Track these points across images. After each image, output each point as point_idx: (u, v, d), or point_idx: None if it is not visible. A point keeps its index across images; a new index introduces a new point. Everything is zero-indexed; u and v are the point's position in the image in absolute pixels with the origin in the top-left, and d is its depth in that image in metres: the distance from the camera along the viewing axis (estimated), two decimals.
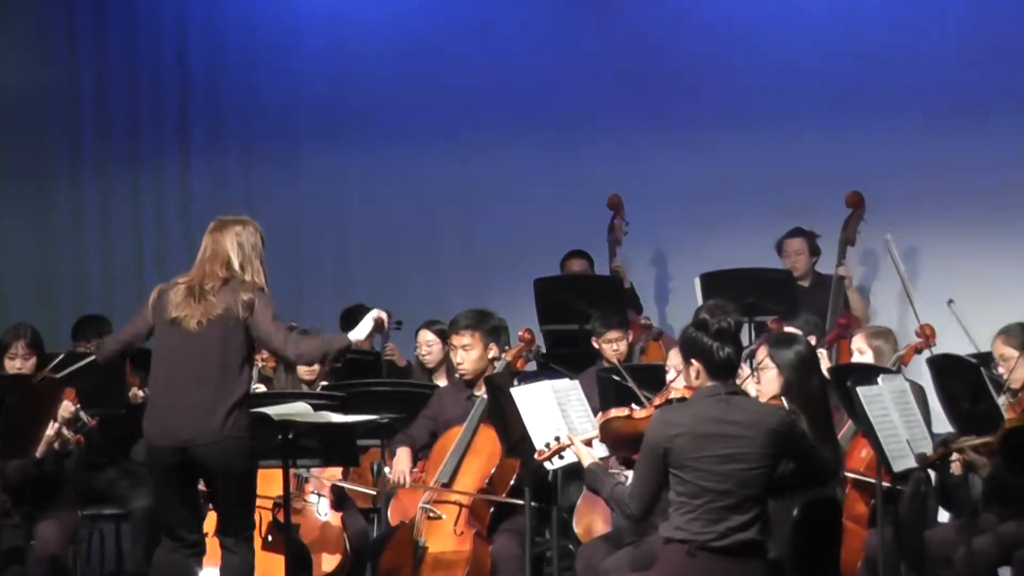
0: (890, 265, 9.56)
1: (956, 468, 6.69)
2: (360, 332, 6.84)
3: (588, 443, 6.02)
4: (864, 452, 6.96)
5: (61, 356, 7.40)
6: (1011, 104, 10.00)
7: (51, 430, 7.31)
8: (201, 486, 6.70)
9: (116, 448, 8.35)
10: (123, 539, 8.71)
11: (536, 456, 6.23)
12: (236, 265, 6.60)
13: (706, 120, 10.57)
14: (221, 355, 6.53)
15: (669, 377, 6.92)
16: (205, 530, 6.75)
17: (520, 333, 8.05)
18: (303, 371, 8.03)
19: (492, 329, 7.84)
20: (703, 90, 10.62)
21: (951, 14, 10.18)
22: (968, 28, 10.14)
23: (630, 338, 8.58)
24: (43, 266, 11.76)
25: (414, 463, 7.67)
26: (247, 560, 6.62)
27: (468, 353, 7.76)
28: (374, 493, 7.86)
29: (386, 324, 7.00)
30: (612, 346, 8.46)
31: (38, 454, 7.28)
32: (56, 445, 7.41)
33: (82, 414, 7.59)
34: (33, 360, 7.76)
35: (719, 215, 10.51)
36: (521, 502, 7.07)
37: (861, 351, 7.61)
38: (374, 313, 6.89)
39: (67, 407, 7.48)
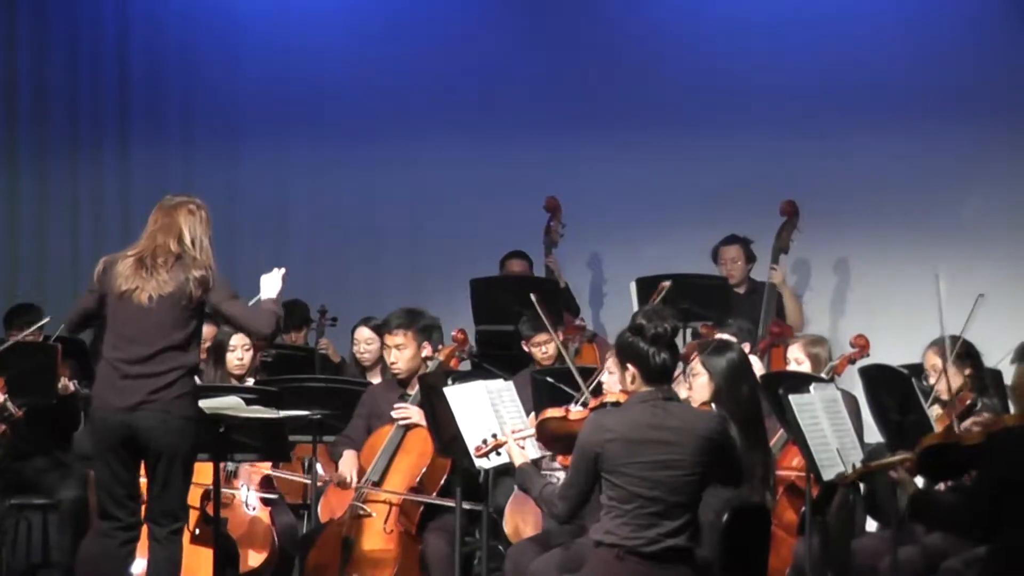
0: (823, 273, 9.63)
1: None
2: (273, 290, 6.85)
3: (523, 442, 6.04)
4: (795, 460, 7.00)
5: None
6: (949, 114, 10.08)
7: None
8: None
9: (46, 438, 8.29)
10: (50, 529, 8.65)
11: (474, 452, 6.25)
12: (187, 240, 6.57)
13: (645, 125, 10.61)
14: (170, 331, 6.50)
15: (603, 379, 6.93)
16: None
17: (453, 333, 8.05)
18: (232, 365, 7.99)
19: (424, 328, 7.84)
20: (643, 94, 10.66)
21: (888, 23, 10.25)
22: (909, 36, 10.21)
23: (560, 338, 8.58)
24: None
25: None
26: (175, 557, 6.57)
27: (401, 352, 7.76)
28: (307, 482, 7.83)
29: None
30: (541, 349, 8.48)
31: None
32: None
33: (9, 404, 7.52)
34: None
35: (656, 220, 10.55)
36: (451, 503, 7.06)
37: (798, 360, 7.65)
38: (282, 271, 6.90)
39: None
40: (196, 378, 6.69)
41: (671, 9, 10.77)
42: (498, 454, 6.20)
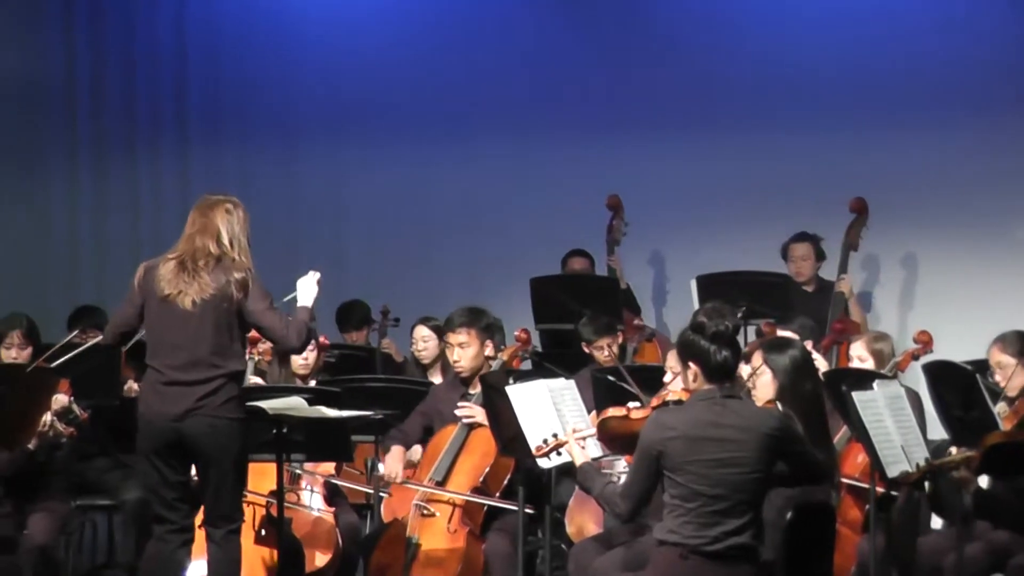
0: (891, 268, 9.59)
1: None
2: (309, 296, 6.78)
3: (584, 441, 6.03)
4: (860, 458, 6.96)
5: (56, 345, 7.38)
6: (1016, 110, 10.01)
7: (44, 424, 7.28)
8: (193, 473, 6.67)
9: (108, 439, 8.34)
10: (115, 530, 8.70)
11: (535, 451, 6.25)
12: (226, 241, 6.53)
13: (709, 123, 10.57)
14: (215, 335, 6.48)
15: (666, 379, 6.92)
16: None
17: (516, 333, 8.05)
18: (297, 366, 8.02)
19: (487, 327, 7.84)
20: (706, 92, 10.62)
21: (956, 19, 10.18)
22: (974, 32, 10.14)
23: (620, 339, 8.57)
24: (37, 254, 11.73)
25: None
26: (233, 556, 6.57)
27: (464, 351, 7.75)
28: (370, 491, 7.84)
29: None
30: (603, 352, 8.46)
31: (31, 446, 7.25)
32: (50, 434, 7.38)
33: (75, 406, 7.56)
34: (29, 350, 7.75)
35: (718, 218, 10.52)
36: (514, 505, 7.06)
37: (861, 357, 7.61)
38: (317, 275, 6.84)
39: (60, 399, 7.46)
40: (255, 378, 6.70)
41: (733, 6, 10.73)
42: (559, 454, 6.20)
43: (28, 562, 7.34)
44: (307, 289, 6.79)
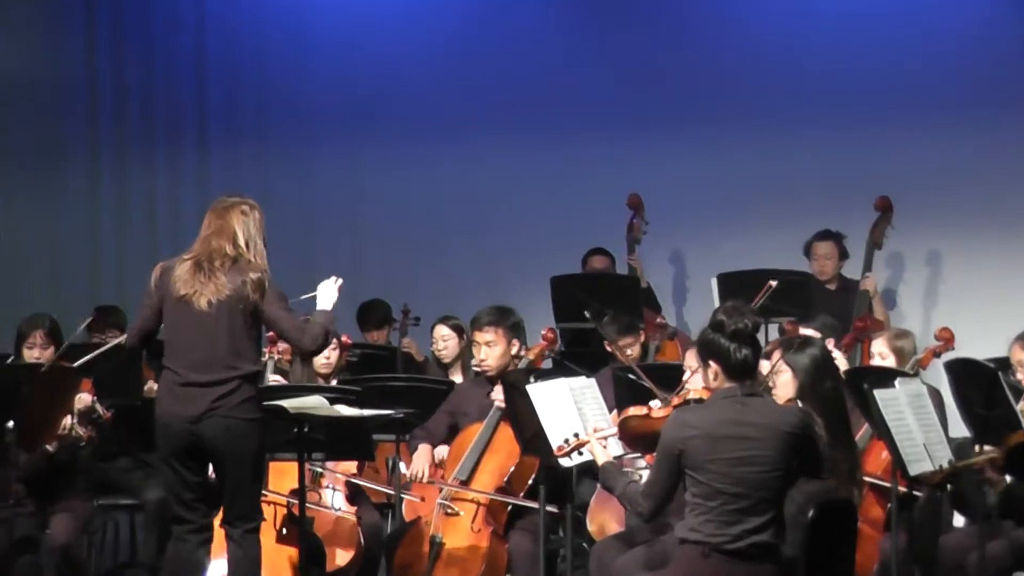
0: (915, 266, 9.55)
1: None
2: (329, 301, 6.78)
3: (605, 441, 6.04)
4: (882, 455, 6.94)
5: (65, 343, 7.40)
6: None
7: (64, 427, 7.29)
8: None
9: (130, 439, 8.36)
10: (137, 530, 8.72)
11: (556, 451, 6.24)
12: (242, 242, 6.54)
13: (729, 120, 10.56)
14: (231, 336, 6.48)
15: (686, 377, 6.91)
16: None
17: (543, 332, 8.04)
18: (319, 365, 8.03)
19: (514, 325, 7.84)
20: (727, 90, 10.61)
21: (982, 16, 10.16)
22: (1001, 30, 10.12)
23: (642, 338, 8.57)
24: (57, 254, 11.77)
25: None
26: (252, 555, 6.58)
27: (492, 349, 7.75)
28: (391, 492, 7.84)
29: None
30: (626, 351, 8.45)
31: (51, 447, 7.26)
32: (72, 435, 7.39)
33: (98, 406, 7.58)
34: (51, 350, 7.77)
35: (739, 216, 10.51)
36: (535, 504, 7.06)
37: (882, 355, 7.60)
38: (338, 282, 6.83)
39: (83, 399, 7.48)
40: (277, 377, 6.69)
41: (756, 3, 10.72)
42: (580, 453, 6.19)
43: (51, 561, 7.36)
44: (327, 293, 6.79)
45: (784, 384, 6.15)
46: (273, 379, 7.71)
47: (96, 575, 8.20)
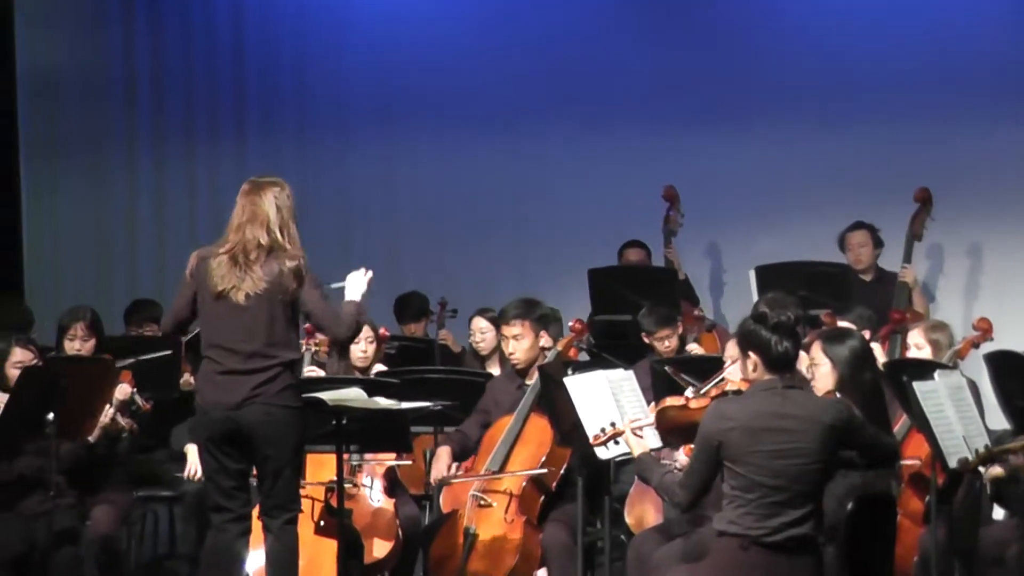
0: (955, 258, 9.50)
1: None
2: (358, 291, 6.75)
3: (643, 432, 6.03)
4: (920, 448, 6.91)
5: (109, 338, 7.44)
6: None
7: (106, 416, 7.33)
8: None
9: (168, 431, 8.41)
10: (176, 521, 8.76)
11: (592, 440, 6.24)
12: (276, 228, 6.50)
13: (766, 111, 10.53)
14: (269, 328, 6.48)
15: (726, 367, 6.89)
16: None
17: (571, 323, 8.04)
18: (356, 357, 8.04)
19: (541, 317, 7.84)
20: (764, 80, 10.58)
21: (1019, 6, 10.11)
22: None
23: (680, 330, 8.56)
24: (97, 243, 11.81)
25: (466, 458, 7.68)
26: (291, 547, 6.58)
27: (519, 343, 7.75)
28: (428, 488, 7.86)
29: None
30: (663, 343, 8.45)
31: (92, 438, 7.30)
32: (114, 426, 7.42)
33: (137, 397, 7.61)
34: (92, 342, 7.80)
35: (776, 208, 10.48)
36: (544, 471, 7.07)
37: (918, 346, 7.56)
38: (368, 274, 6.81)
39: (124, 389, 7.51)
40: (315, 368, 6.69)
41: None
42: (616, 443, 6.18)
43: (91, 553, 7.39)
44: (356, 284, 6.76)
45: (823, 376, 6.14)
46: (310, 371, 7.72)
47: (136, 566, 8.25)
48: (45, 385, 6.72)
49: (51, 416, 6.68)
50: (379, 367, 8.11)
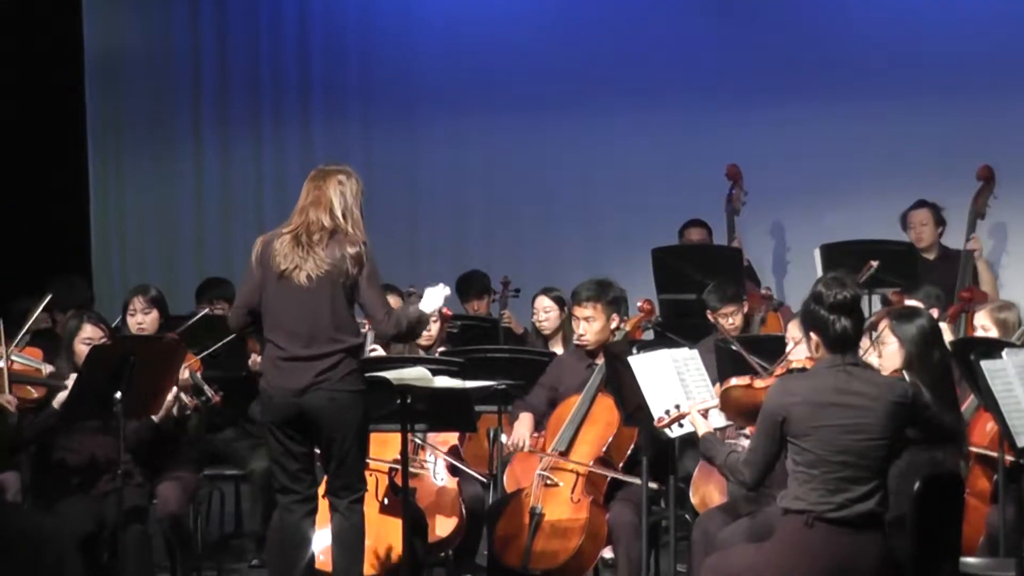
0: (1020, 237, 9.43)
1: None
2: (431, 306, 6.80)
3: (707, 412, 6.02)
4: (988, 427, 6.87)
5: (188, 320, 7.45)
6: None
7: (171, 396, 7.37)
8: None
9: (236, 411, 8.45)
10: (243, 500, 8.82)
11: (656, 423, 6.24)
12: (339, 213, 6.53)
13: (829, 89, 10.50)
14: (331, 310, 6.50)
15: (789, 348, 6.87)
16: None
17: (640, 304, 8.03)
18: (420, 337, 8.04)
19: (613, 300, 7.78)
20: (827, 58, 10.55)
21: None
22: None
23: (746, 308, 8.53)
24: (164, 226, 11.92)
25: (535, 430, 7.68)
26: (358, 526, 6.62)
27: (591, 325, 7.70)
28: (490, 469, 7.86)
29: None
30: (728, 320, 8.41)
31: (156, 419, 7.34)
32: (175, 411, 7.45)
33: (207, 389, 7.64)
34: (154, 314, 7.85)
35: (839, 186, 10.46)
36: (638, 480, 7.05)
37: (985, 327, 7.51)
38: (446, 290, 6.85)
39: (193, 367, 7.56)
40: (377, 347, 6.68)
41: None
42: (680, 425, 6.18)
43: (159, 530, 7.45)
44: (433, 298, 6.80)
45: (891, 355, 6.11)
46: (371, 349, 7.74)
47: (203, 545, 8.29)
48: (114, 363, 6.76)
49: (118, 395, 6.72)
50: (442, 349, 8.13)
